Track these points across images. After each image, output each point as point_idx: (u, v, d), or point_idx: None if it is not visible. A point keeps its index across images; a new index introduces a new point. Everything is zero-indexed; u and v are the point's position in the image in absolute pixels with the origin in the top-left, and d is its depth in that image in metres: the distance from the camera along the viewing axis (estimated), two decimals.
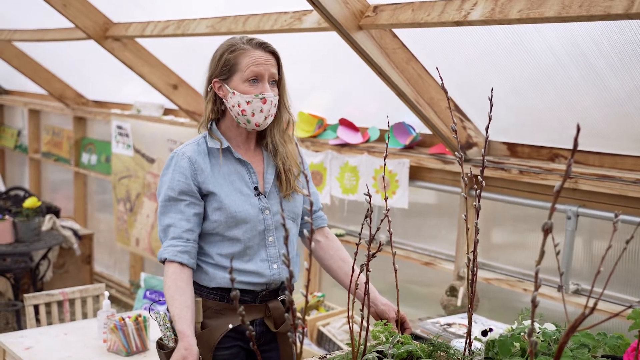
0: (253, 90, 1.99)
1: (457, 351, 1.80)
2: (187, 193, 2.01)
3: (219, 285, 2.06)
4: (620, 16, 1.89)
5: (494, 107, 2.99)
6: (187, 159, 2.03)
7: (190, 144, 2.08)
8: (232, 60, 2.00)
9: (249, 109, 1.99)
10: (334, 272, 2.23)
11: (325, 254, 2.24)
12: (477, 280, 3.20)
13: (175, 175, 2.02)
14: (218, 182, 2.03)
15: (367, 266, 1.68)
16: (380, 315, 2.11)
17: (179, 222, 2.00)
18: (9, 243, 4.61)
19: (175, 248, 1.98)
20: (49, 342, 2.90)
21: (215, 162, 2.05)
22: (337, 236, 2.72)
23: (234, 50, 2.01)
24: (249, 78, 1.99)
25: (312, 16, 2.89)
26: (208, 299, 2.06)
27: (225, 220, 2.02)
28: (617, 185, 2.60)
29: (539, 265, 1.09)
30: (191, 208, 2.01)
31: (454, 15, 2.30)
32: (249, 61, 1.99)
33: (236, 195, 2.04)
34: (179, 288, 1.95)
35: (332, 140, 3.76)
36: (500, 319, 2.98)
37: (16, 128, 7.78)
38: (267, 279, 2.08)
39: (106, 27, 4.24)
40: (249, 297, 2.07)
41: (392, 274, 1.81)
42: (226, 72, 2.01)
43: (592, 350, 1.95)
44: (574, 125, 2.85)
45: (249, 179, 2.08)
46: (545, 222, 1.05)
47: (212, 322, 2.05)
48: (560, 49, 2.44)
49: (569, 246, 2.84)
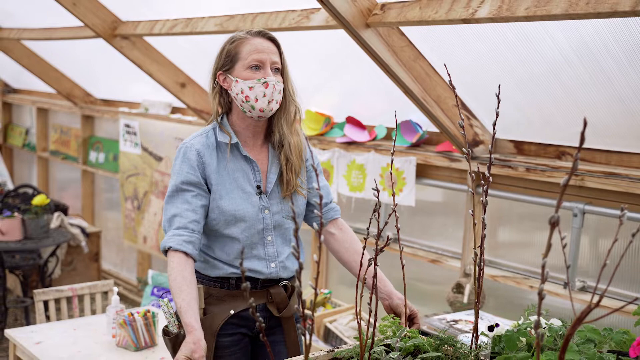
0: (255, 75, 2.01)
1: (464, 345, 1.81)
2: (194, 184, 2.03)
3: (219, 275, 2.09)
4: (627, 13, 1.90)
5: (501, 105, 3.01)
6: (196, 152, 2.04)
7: (199, 136, 2.09)
8: (233, 50, 2.03)
9: (252, 95, 2.00)
10: (350, 265, 2.22)
11: (340, 247, 2.23)
12: (484, 277, 3.22)
13: (184, 166, 2.04)
14: (222, 178, 2.05)
15: (375, 261, 1.69)
16: (394, 309, 2.12)
17: (185, 213, 2.01)
18: (18, 240, 4.65)
19: (180, 237, 1.98)
20: (58, 337, 2.93)
21: (221, 157, 2.06)
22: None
23: (234, 41, 2.04)
24: (251, 65, 2.01)
25: (320, 14, 2.91)
26: (210, 287, 2.09)
27: (225, 219, 2.04)
28: (624, 183, 2.61)
29: (546, 257, 1.11)
30: (198, 199, 2.03)
31: (461, 12, 2.31)
32: (250, 48, 2.02)
33: (237, 193, 2.06)
34: (185, 279, 1.95)
35: (339, 139, 3.78)
36: (506, 316, 2.99)
37: (24, 126, 7.82)
38: (265, 277, 2.11)
39: (115, 26, 4.27)
40: (249, 284, 2.10)
41: (399, 271, 1.83)
42: (229, 63, 2.04)
43: (598, 345, 1.96)
44: (581, 122, 2.85)
45: (252, 177, 2.09)
46: (552, 215, 1.06)
47: (214, 308, 2.07)
48: (567, 46, 2.45)
49: (575, 243, 2.85)
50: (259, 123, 2.10)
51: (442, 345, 1.83)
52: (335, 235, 2.23)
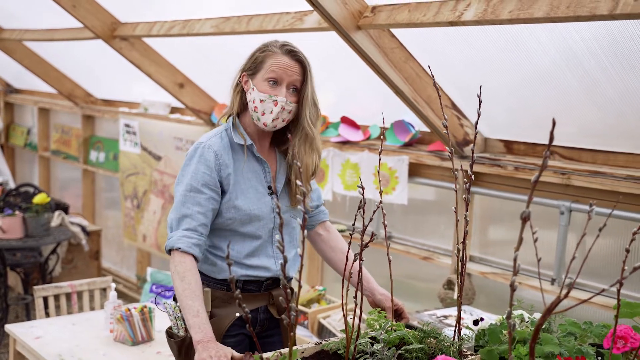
0: (270, 91, 2.04)
1: (447, 337, 1.87)
2: (209, 186, 2.05)
3: (225, 277, 2.13)
4: (605, 17, 1.96)
5: (492, 106, 3.07)
6: (214, 153, 2.06)
7: (214, 137, 2.11)
8: (260, 58, 2.07)
9: (260, 107, 2.05)
10: (335, 264, 2.33)
11: (326, 246, 2.34)
12: (474, 274, 3.28)
13: (200, 167, 2.05)
14: (238, 179, 2.09)
15: (360, 256, 1.76)
16: (377, 305, 2.20)
17: (196, 215, 2.02)
18: (19, 238, 4.72)
19: (190, 240, 2.00)
20: (57, 332, 3.00)
21: (237, 159, 2.10)
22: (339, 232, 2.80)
23: (265, 50, 2.08)
24: (269, 78, 2.05)
25: (313, 16, 2.97)
26: (215, 289, 2.13)
27: (240, 218, 2.09)
28: (609, 182, 2.67)
29: (517, 251, 1.17)
30: (210, 203, 2.04)
31: (448, 15, 2.38)
32: (273, 62, 2.05)
33: (252, 192, 2.11)
34: (198, 284, 1.96)
35: (333, 138, 3.85)
36: (496, 312, 3.05)
37: (26, 126, 7.90)
38: (273, 274, 2.17)
39: (114, 27, 4.34)
40: (254, 287, 2.16)
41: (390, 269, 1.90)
42: (253, 68, 2.08)
43: (579, 338, 2.02)
44: (568, 122, 2.92)
45: (264, 177, 2.15)
46: (524, 210, 1.13)
47: (220, 311, 2.12)
48: (553, 50, 2.51)
49: (562, 241, 2.91)
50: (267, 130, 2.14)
51: (425, 338, 1.89)
52: (322, 236, 2.35)
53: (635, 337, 1.70)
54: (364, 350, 1.80)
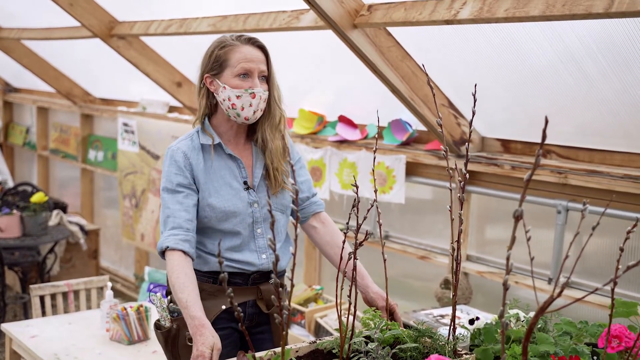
0: (243, 84, 2.07)
1: (442, 337, 1.87)
2: (184, 185, 2.09)
3: (211, 269, 2.15)
4: (601, 15, 1.96)
5: (489, 104, 3.06)
6: (182, 154, 2.12)
7: (184, 139, 2.17)
8: (222, 56, 2.09)
9: (238, 103, 2.08)
10: (331, 258, 2.30)
11: (322, 239, 2.32)
12: (471, 274, 3.28)
13: (172, 169, 2.11)
14: (209, 177, 2.12)
15: (355, 254, 1.75)
16: (370, 303, 2.19)
17: (178, 213, 2.06)
18: (17, 237, 4.72)
19: (176, 237, 2.03)
20: (53, 331, 2.99)
21: (207, 158, 2.13)
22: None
23: (224, 47, 2.10)
24: (239, 73, 2.07)
25: (310, 15, 2.97)
26: (202, 282, 2.14)
27: (216, 215, 2.11)
28: (605, 180, 2.67)
29: (510, 250, 1.17)
30: (189, 199, 2.09)
31: (444, 14, 2.37)
32: (239, 57, 2.07)
33: (226, 189, 2.12)
34: (187, 276, 1.99)
35: (331, 137, 3.84)
36: (493, 311, 3.05)
37: (25, 125, 7.89)
38: (257, 268, 2.17)
39: (111, 26, 4.33)
40: (240, 280, 2.16)
41: (387, 268, 1.89)
42: (217, 68, 2.10)
43: (575, 338, 2.02)
44: (565, 121, 2.91)
45: (238, 173, 2.16)
46: (516, 209, 1.12)
47: (207, 303, 2.11)
48: (549, 49, 2.51)
49: (559, 240, 2.91)
50: (242, 125, 2.17)
51: (420, 337, 1.88)
52: (318, 229, 2.32)
53: (630, 337, 1.70)
54: (358, 349, 1.79)
